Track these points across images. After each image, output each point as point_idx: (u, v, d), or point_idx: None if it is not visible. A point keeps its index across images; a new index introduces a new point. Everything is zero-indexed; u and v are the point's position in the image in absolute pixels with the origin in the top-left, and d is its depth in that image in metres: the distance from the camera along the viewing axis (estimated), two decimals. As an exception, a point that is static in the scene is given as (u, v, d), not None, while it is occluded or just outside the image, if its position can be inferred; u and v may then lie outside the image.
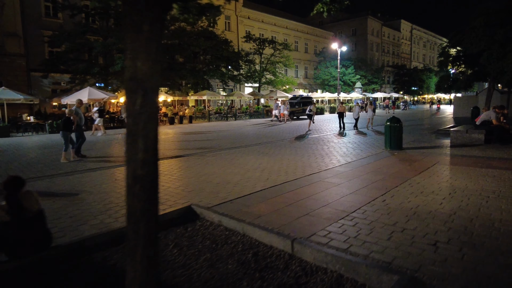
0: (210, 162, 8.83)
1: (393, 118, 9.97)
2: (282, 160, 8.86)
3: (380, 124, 18.97)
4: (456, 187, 5.55)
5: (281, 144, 12.38)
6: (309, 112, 18.59)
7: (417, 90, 67.80)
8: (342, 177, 6.53)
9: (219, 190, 5.87)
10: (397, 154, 9.15)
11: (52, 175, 7.55)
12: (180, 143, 13.40)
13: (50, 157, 10.10)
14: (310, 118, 18.47)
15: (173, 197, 5.51)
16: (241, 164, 8.41)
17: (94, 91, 21.14)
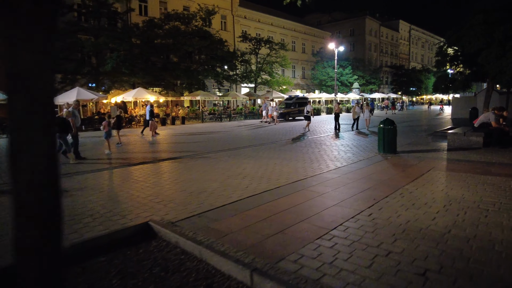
0: (192, 167, 8.28)
1: (387, 120, 9.44)
2: (267, 164, 8.32)
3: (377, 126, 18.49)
4: (451, 198, 5.00)
5: (271, 147, 11.83)
6: (306, 113, 18.19)
7: (416, 90, 67.37)
8: (328, 185, 5.98)
9: (190, 200, 5.32)
10: (390, 159, 8.61)
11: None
12: (165, 146, 12.84)
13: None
14: (308, 119, 18.03)
15: (138, 209, 4.96)
16: (224, 169, 7.86)
17: (83, 92, 20.58)
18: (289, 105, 28.67)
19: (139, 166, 8.59)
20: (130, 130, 20.28)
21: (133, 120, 22.61)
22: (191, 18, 29.81)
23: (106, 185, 6.63)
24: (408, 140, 12.52)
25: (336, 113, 17.71)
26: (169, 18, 29.13)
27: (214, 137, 15.49)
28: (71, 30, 23.42)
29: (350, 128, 18.15)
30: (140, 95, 22.74)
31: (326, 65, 49.44)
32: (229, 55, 31.20)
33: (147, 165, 8.72)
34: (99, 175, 7.59)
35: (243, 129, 20.05)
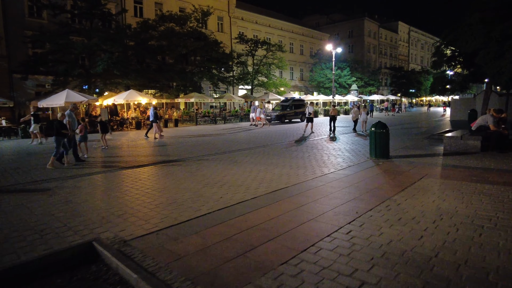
0: (170, 173, 7.77)
1: (379, 124, 8.92)
2: (251, 171, 7.81)
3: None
4: (443, 211, 4.48)
5: (260, 151, 11.31)
6: (308, 115, 18.06)
7: (415, 92, 66.90)
8: (310, 195, 5.47)
9: (154, 214, 4.81)
10: (382, 164, 8.09)
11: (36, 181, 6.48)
12: (150, 150, 12.33)
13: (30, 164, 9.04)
14: (310, 121, 17.92)
15: (95, 224, 4.44)
16: (204, 176, 7.35)
17: (72, 94, 20.06)
18: (285, 107, 28.16)
19: (117, 172, 8.08)
20: (121, 133, 19.78)
21: (124, 123, 22.10)
22: (186, 19, 29.38)
23: (74, 193, 6.12)
24: (403, 144, 12.00)
25: (332, 116, 17.43)
26: (163, 19, 28.70)
27: (203, 141, 14.99)
28: (62, 31, 22.99)
29: (351, 130, 17.98)
30: (132, 97, 22.26)
31: (324, 66, 49.00)
32: (224, 57, 30.74)
33: (126, 171, 8.20)
34: (71, 183, 7.07)
35: (235, 132, 19.54)
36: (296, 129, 20.09)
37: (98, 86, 25.79)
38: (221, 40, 35.58)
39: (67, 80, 23.80)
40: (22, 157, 11.01)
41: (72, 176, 7.68)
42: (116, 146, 13.71)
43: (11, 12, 25.96)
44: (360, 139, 14.09)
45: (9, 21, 26.01)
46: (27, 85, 27.19)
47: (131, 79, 24.63)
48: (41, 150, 13.04)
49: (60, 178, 7.48)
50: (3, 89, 26.28)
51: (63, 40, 23.17)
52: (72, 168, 8.76)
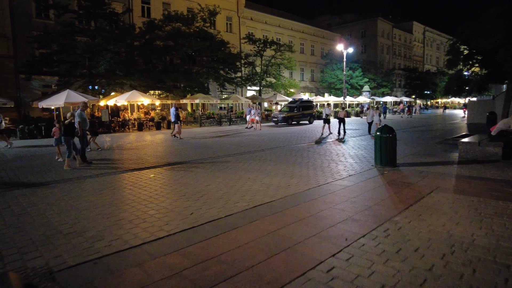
0: (150, 181, 7.02)
1: (385, 128, 7.98)
2: (239, 179, 6.99)
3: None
4: (456, 240, 3.57)
5: (256, 155, 10.48)
6: (326, 116, 17.77)
7: (430, 94, 64.87)
8: (295, 214, 4.61)
9: (105, 234, 4.04)
10: (387, 174, 7.15)
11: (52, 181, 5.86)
12: (141, 153, 11.63)
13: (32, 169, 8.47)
14: (327, 122, 17.72)
15: (29, 247, 3.71)
16: (185, 185, 6.58)
17: (73, 94, 19.66)
18: (292, 109, 27.22)
19: (98, 178, 7.38)
20: (121, 135, 19.22)
21: (126, 124, 21.59)
22: (192, 19, 28.82)
23: (33, 204, 5.42)
24: (413, 149, 10.97)
25: (341, 118, 17.00)
26: (169, 19, 28.20)
27: (201, 144, 14.25)
28: (67, 31, 22.69)
29: (367, 133, 17.40)
30: (134, 98, 21.75)
31: (336, 67, 47.85)
32: (231, 57, 30.02)
33: (106, 177, 7.50)
34: (41, 190, 6.40)
35: (238, 134, 18.75)
36: (303, 132, 19.18)
37: (102, 87, 25.46)
38: (229, 40, 34.93)
39: (71, 81, 23.52)
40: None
41: (45, 183, 7.02)
42: (113, 147, 13.09)
43: (19, 13, 25.93)
44: (368, 143, 13.10)
45: (16, 22, 25.99)
46: (33, 85, 27.10)
47: (135, 79, 24.15)
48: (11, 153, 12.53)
49: (54, 182, 6.81)
50: (10, 89, 26.22)
51: (67, 40, 22.92)
52: (74, 170, 8.13)
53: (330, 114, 18.10)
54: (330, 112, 18.48)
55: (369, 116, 17.35)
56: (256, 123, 21.79)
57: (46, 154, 11.62)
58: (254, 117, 21.90)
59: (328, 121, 17.89)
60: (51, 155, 11.26)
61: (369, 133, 17.08)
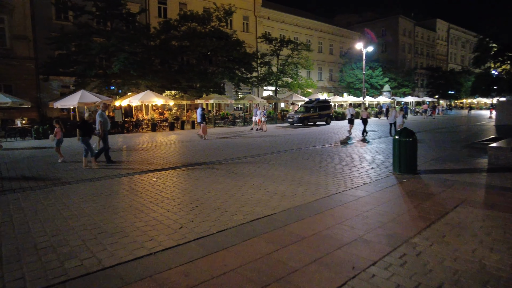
0: (146, 186, 6.59)
1: (404, 131, 7.26)
2: (243, 186, 6.46)
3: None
4: (490, 274, 2.90)
5: (266, 159, 9.92)
6: (350, 117, 17.67)
7: (454, 94, 62.41)
8: (295, 231, 4.02)
9: (80, 251, 3.59)
10: (406, 183, 6.44)
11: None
12: (149, 155, 11.27)
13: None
14: (351, 122, 17.67)
15: (-9, 267, 3.30)
16: (182, 192, 6.11)
17: (87, 95, 19.70)
18: (309, 109, 26.46)
19: (97, 182, 7.02)
20: (133, 135, 19.04)
21: (140, 125, 21.47)
22: (208, 19, 28.54)
23: (31, 210, 5.08)
24: (436, 154, 10.13)
25: (364, 118, 17.08)
26: (185, 18, 28.02)
27: (211, 145, 13.81)
28: (83, 32, 22.82)
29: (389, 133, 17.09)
30: (148, 98, 21.60)
31: (355, 66, 46.62)
32: (246, 57, 29.54)
33: (106, 181, 7.13)
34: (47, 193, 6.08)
35: (251, 136, 18.21)
36: (318, 133, 18.47)
37: (119, 87, 25.54)
38: (246, 40, 34.49)
39: (86, 81, 23.66)
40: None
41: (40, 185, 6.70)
42: (121, 149, 12.84)
43: (39, 16, 26.42)
44: (387, 147, 12.29)
45: (37, 24, 26.47)
46: (53, 86, 27.53)
47: (149, 79, 24.05)
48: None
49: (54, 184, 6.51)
50: (31, 90, 26.73)
51: (83, 41, 23.07)
52: (88, 170, 7.85)
53: (354, 115, 17.82)
54: (354, 112, 18.18)
55: (391, 116, 16.83)
56: (261, 124, 21.07)
57: (52, 155, 11.46)
58: (259, 117, 21.13)
59: (352, 121, 17.67)
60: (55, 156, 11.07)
61: (390, 134, 16.64)
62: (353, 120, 17.77)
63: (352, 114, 17.79)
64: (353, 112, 17.92)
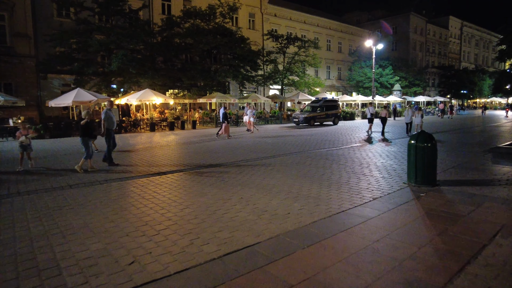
0: (118, 197, 5.63)
1: (422, 135, 6.16)
2: (229, 198, 5.45)
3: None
4: None
5: (264, 163, 8.89)
6: (370, 116, 17.46)
7: (467, 93, 60.38)
8: (278, 275, 2.99)
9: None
10: (424, 198, 5.35)
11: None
12: (138, 158, 10.33)
13: None
14: (371, 121, 17.43)
15: None
16: (155, 207, 5.12)
17: (82, 93, 18.92)
18: (315, 109, 25.32)
19: (70, 190, 6.08)
20: (130, 135, 18.16)
21: (138, 124, 20.61)
22: (211, 15, 27.59)
23: None
24: (455, 160, 8.97)
25: (383, 117, 16.99)
26: (188, 15, 27.11)
27: (207, 147, 12.83)
28: (82, 29, 22.09)
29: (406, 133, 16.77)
30: (147, 97, 20.73)
31: (364, 64, 45.17)
32: (250, 54, 28.50)
33: (81, 189, 6.19)
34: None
35: (251, 136, 17.18)
36: (325, 134, 17.35)
37: (120, 85, 24.81)
38: (252, 38, 33.47)
39: (84, 79, 22.95)
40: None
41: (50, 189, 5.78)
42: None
43: (40, 13, 25.84)
44: (399, 150, 11.14)
45: (38, 21, 25.88)
46: (54, 84, 26.94)
47: (149, 77, 23.22)
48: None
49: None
50: (31, 88, 26.20)
51: (82, 38, 22.36)
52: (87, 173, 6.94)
53: (374, 114, 17.70)
54: (374, 112, 18.04)
55: (407, 116, 16.59)
56: (250, 124, 19.44)
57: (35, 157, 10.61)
58: (249, 118, 19.49)
59: (372, 120, 17.46)
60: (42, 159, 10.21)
61: (406, 133, 16.49)
62: (372, 119, 17.49)
63: (372, 113, 17.58)
64: (373, 111, 17.68)
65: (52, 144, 14.81)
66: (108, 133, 8.86)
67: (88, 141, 8.15)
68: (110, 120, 8.87)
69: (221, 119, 16.75)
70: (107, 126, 8.81)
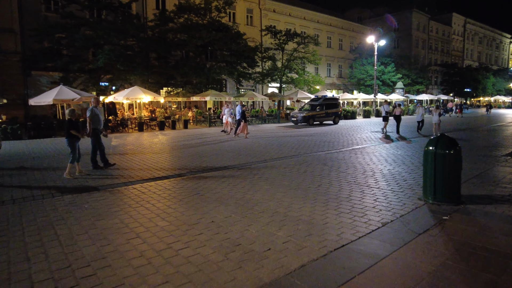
0: (62, 222, 4.39)
1: (443, 139, 4.88)
2: (194, 226, 4.20)
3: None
4: None
5: (251, 171, 7.63)
6: (385, 114, 17.18)
7: (471, 92, 58.97)
8: None
9: None
10: (449, 222, 4.08)
11: None
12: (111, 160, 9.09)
13: None
14: (386, 120, 17.16)
15: None
16: (96, 235, 3.88)
17: (65, 91, 17.68)
18: (315, 107, 24.03)
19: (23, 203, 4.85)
20: (116, 136, 16.87)
21: (125, 124, 19.34)
22: (206, 9, 26.31)
23: None
24: (474, 167, 7.67)
25: (397, 115, 16.74)
26: (182, 9, 25.83)
27: (190, 150, 11.57)
28: (68, 24, 20.82)
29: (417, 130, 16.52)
30: (134, 95, 19.46)
31: (365, 62, 43.83)
32: (246, 50, 27.19)
33: (34, 202, 4.96)
34: None
35: (242, 136, 15.93)
36: (325, 135, 16.08)
37: (112, 83, 23.59)
38: (250, 34, 32.19)
39: (69, 76, 21.70)
40: None
41: None
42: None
43: (27, 7, 24.56)
44: (407, 153, 9.87)
45: (25, 16, 24.62)
46: (41, 82, 25.72)
47: (138, 74, 21.96)
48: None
49: None
50: (17, 86, 25.03)
51: (69, 32, 21.11)
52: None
53: (389, 112, 17.48)
54: (389, 110, 17.88)
55: (418, 115, 16.38)
56: (228, 125, 17.62)
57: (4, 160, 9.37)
58: (227, 118, 17.69)
59: (387, 118, 17.21)
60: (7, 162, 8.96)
61: (417, 131, 16.19)
62: (387, 118, 17.23)
63: (387, 111, 17.35)
64: (387, 109, 17.43)
65: (27, 145, 13.59)
66: (94, 133, 8.15)
67: (75, 143, 7.36)
68: (96, 119, 8.18)
69: (237, 118, 15.87)
70: (93, 125, 8.13)
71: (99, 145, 8.27)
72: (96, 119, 8.18)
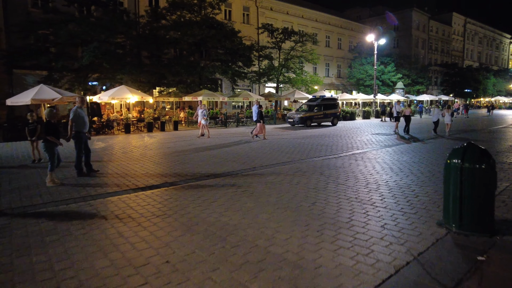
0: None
1: (471, 150, 3.78)
2: (141, 269, 3.09)
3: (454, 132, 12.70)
4: None
5: (234, 183, 6.51)
6: (397, 114, 17.42)
7: (471, 92, 58.00)
8: None
9: None
10: (487, 266, 2.97)
11: None
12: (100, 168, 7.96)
13: None
14: (397, 120, 17.39)
15: None
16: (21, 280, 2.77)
17: (45, 90, 16.48)
18: (312, 108, 22.92)
19: None
20: (100, 138, 15.69)
21: (111, 126, 18.19)
22: (200, 5, 25.22)
23: None
24: (501, 176, 6.58)
25: (407, 116, 16.42)
26: (175, 6, 24.72)
27: (172, 155, 10.45)
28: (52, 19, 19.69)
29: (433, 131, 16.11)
30: (121, 94, 18.31)
31: (365, 61, 42.78)
32: (241, 49, 26.08)
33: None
34: None
35: (236, 141, 14.80)
36: (322, 137, 14.96)
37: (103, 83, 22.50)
38: (246, 32, 31.07)
39: (53, 75, 20.57)
40: None
41: None
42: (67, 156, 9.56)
43: (13, 3, 23.39)
44: (413, 160, 8.76)
45: (10, 13, 23.43)
46: (27, 81, 24.52)
47: (126, 73, 20.84)
48: None
49: None
50: (2, 85, 23.84)
51: (51, 29, 19.99)
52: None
53: (401, 112, 17.53)
54: (401, 110, 17.96)
55: (434, 115, 16.09)
56: (202, 127, 15.92)
57: None
58: (200, 119, 15.94)
59: (399, 119, 17.29)
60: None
61: (434, 132, 15.77)
62: (399, 118, 17.33)
63: (398, 111, 17.41)
64: (399, 109, 17.49)
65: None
66: (78, 137, 7.30)
67: (53, 147, 6.71)
68: (81, 121, 7.41)
69: (254, 118, 15.27)
70: (76, 128, 7.33)
71: (86, 150, 7.52)
72: (80, 121, 7.37)
